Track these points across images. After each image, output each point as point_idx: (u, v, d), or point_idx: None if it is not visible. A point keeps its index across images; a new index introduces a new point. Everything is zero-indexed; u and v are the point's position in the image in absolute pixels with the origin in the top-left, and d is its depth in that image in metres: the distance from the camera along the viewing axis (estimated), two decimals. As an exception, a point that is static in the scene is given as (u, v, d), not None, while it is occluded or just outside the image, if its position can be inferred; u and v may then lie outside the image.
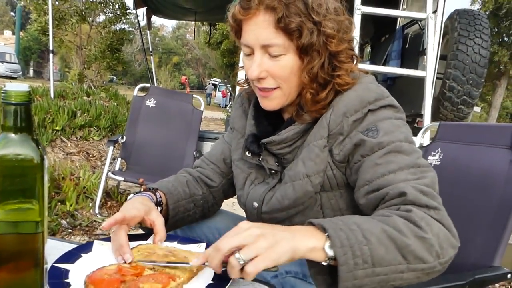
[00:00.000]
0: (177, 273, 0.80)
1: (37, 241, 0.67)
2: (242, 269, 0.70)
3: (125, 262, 0.84)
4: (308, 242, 0.72)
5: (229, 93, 22.94)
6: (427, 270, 0.74)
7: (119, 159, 3.50)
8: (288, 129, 0.98)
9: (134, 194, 1.05)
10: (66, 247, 0.91)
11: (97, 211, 3.07)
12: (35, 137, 0.66)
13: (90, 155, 4.64)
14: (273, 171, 1.04)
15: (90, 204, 3.13)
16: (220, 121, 13.24)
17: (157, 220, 0.96)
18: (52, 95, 5.70)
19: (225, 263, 0.74)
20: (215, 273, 0.83)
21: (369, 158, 0.88)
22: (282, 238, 0.71)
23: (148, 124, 3.51)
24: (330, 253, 0.71)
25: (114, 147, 3.32)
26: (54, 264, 0.81)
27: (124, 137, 3.43)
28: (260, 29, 0.90)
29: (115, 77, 23.51)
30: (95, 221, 2.98)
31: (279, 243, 0.70)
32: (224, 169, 1.20)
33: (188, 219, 1.13)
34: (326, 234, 0.72)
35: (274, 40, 0.90)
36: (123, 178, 3.04)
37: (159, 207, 1.05)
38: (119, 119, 5.53)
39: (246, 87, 1.14)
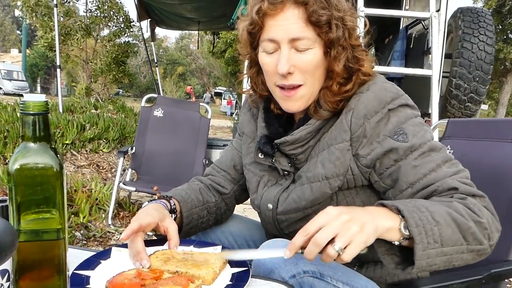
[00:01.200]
0: (201, 275, 0.81)
1: (59, 248, 0.68)
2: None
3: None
4: (385, 222, 0.77)
5: (234, 101, 23.00)
6: (481, 252, 0.83)
7: (130, 169, 3.52)
8: (300, 129, 0.99)
9: (148, 202, 1.07)
10: (85, 254, 0.92)
11: (110, 222, 3.09)
12: (53, 146, 0.68)
13: (101, 167, 4.68)
14: (286, 172, 1.05)
15: (103, 215, 3.15)
16: (227, 129, 13.27)
17: (171, 227, 0.97)
18: (61, 110, 5.77)
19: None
20: (232, 274, 0.85)
21: (404, 162, 0.91)
22: (366, 220, 0.74)
23: (156, 134, 3.54)
24: (406, 232, 0.76)
25: (124, 158, 3.35)
26: (74, 271, 0.82)
27: (134, 148, 3.46)
28: (290, 23, 0.91)
29: (121, 90, 23.72)
30: (108, 231, 3.00)
31: (366, 226, 0.73)
32: (235, 176, 1.21)
33: (202, 226, 1.14)
34: (400, 215, 0.77)
35: (304, 33, 0.92)
36: (134, 188, 3.06)
37: (173, 215, 1.06)
38: (127, 131, 5.57)
39: (251, 96, 1.15)
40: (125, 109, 7.48)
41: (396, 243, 0.79)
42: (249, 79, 1.11)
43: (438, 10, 3.24)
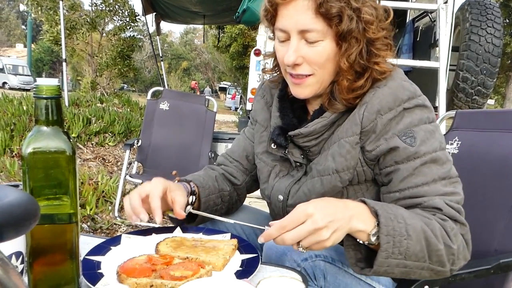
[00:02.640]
0: (212, 261, 0.81)
1: (71, 232, 0.69)
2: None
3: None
4: (359, 224, 0.78)
5: (239, 96, 22.97)
6: (440, 273, 0.85)
7: (136, 162, 3.54)
8: (315, 122, 0.97)
9: None
10: (95, 241, 0.93)
11: (116, 214, 3.11)
12: (65, 130, 0.69)
13: (106, 161, 4.70)
14: (298, 164, 1.04)
15: (110, 208, 3.18)
16: (232, 124, 13.28)
17: (178, 199, 0.97)
18: (66, 103, 5.79)
19: None
20: (242, 260, 0.85)
21: (404, 166, 0.89)
22: (340, 226, 0.76)
23: (162, 127, 3.55)
24: (373, 239, 0.79)
25: (130, 151, 3.36)
26: (86, 257, 0.83)
27: (140, 141, 3.47)
28: (299, 14, 0.89)
29: (126, 85, 23.76)
30: (115, 223, 3.02)
31: (338, 232, 0.76)
32: (247, 166, 1.20)
33: (215, 214, 1.14)
34: (376, 221, 0.79)
35: (313, 25, 0.88)
36: (140, 181, 3.07)
37: (192, 197, 1.06)
38: (132, 125, 5.59)
39: (269, 77, 1.14)
40: (130, 103, 7.50)
41: (362, 242, 0.81)
42: (274, 58, 1.08)
43: (445, 2, 3.22)
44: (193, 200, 1.06)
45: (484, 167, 1.35)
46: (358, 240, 0.81)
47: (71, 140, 0.68)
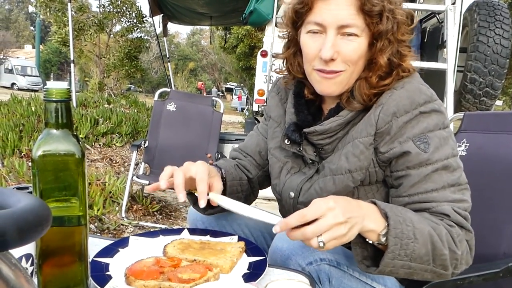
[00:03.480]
0: (219, 263, 0.81)
1: (80, 234, 0.70)
2: None
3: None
4: (370, 224, 0.80)
5: (245, 97, 22.97)
6: (442, 276, 0.88)
7: (143, 163, 3.55)
8: (331, 120, 0.98)
9: None
10: (103, 243, 0.93)
11: (123, 215, 3.13)
12: (75, 133, 0.69)
13: (114, 161, 4.73)
14: (311, 161, 1.04)
15: (117, 208, 3.19)
16: (238, 124, 13.28)
17: (216, 184, 0.99)
18: (74, 104, 5.83)
19: None
20: (249, 263, 0.85)
21: (415, 172, 0.90)
22: (356, 223, 0.78)
23: (169, 128, 3.56)
24: (383, 240, 0.81)
25: (137, 152, 3.38)
26: (94, 259, 0.84)
27: (147, 142, 3.49)
28: (340, 9, 0.89)
29: (133, 86, 23.85)
30: (122, 224, 3.03)
31: (353, 229, 0.77)
32: (260, 162, 1.21)
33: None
34: (386, 222, 0.81)
35: (354, 21, 0.89)
36: (147, 182, 3.08)
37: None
38: (140, 125, 5.61)
39: (283, 76, 1.14)
40: (137, 104, 7.54)
41: (371, 242, 0.83)
42: (285, 60, 1.08)
43: (453, 3, 3.20)
44: (223, 175, 1.08)
45: (492, 169, 1.35)
46: (367, 239, 0.83)
47: (80, 143, 0.69)
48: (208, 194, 0.93)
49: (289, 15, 0.98)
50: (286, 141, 1.06)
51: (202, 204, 0.92)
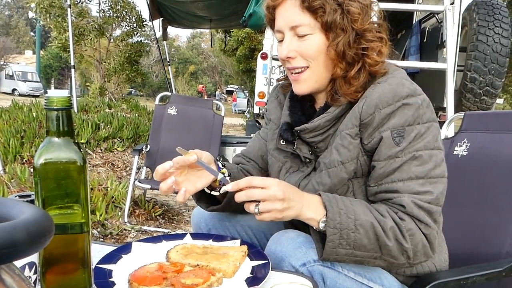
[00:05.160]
0: (222, 268, 0.82)
1: (83, 241, 0.70)
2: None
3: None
4: (309, 213, 0.90)
5: (246, 99, 22.98)
6: (395, 264, 0.93)
7: (144, 167, 3.55)
8: (320, 117, 1.01)
9: None
10: (106, 249, 0.94)
11: (126, 219, 3.13)
12: (76, 141, 0.70)
13: (115, 166, 4.73)
14: (307, 160, 1.07)
15: (119, 213, 3.19)
16: (239, 127, 13.28)
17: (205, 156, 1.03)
18: (75, 109, 5.84)
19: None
20: (252, 267, 0.85)
21: (385, 163, 0.94)
22: (293, 206, 0.88)
23: (171, 131, 3.57)
24: (321, 227, 0.89)
25: (139, 156, 3.38)
26: (97, 265, 0.84)
27: (148, 146, 3.49)
28: (288, 12, 0.99)
29: (133, 90, 23.87)
30: (125, 229, 3.04)
31: (289, 210, 0.88)
32: (263, 165, 1.24)
33: (238, 205, 1.14)
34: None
35: (300, 20, 0.97)
36: (149, 186, 3.09)
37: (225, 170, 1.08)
38: (141, 129, 5.62)
39: (281, 82, 1.21)
40: (138, 108, 7.55)
41: (314, 228, 0.92)
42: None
43: (452, 3, 3.20)
44: (228, 172, 1.08)
45: (494, 168, 1.35)
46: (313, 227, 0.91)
47: (81, 150, 0.69)
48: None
49: (271, 29, 1.09)
50: (281, 141, 1.10)
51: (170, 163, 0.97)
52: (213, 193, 1.06)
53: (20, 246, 0.28)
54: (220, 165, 1.08)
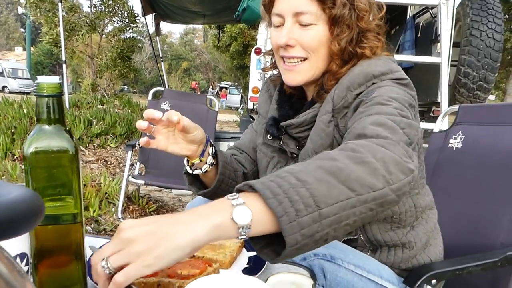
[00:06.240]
0: (219, 259, 0.80)
1: (76, 232, 0.68)
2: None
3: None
4: (206, 223, 0.57)
5: (240, 95, 23.00)
6: (379, 199, 0.64)
7: (138, 163, 3.53)
8: (306, 112, 0.99)
9: None
10: (100, 242, 0.92)
11: (120, 215, 3.11)
12: (67, 129, 0.68)
13: (108, 162, 4.70)
14: (295, 155, 1.05)
15: (113, 209, 3.17)
16: (233, 123, 13.27)
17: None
18: (67, 105, 5.79)
19: None
20: (249, 258, 0.84)
21: (356, 113, 0.86)
22: (167, 234, 0.55)
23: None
24: (240, 221, 0.57)
25: (132, 152, 3.35)
26: (91, 258, 0.82)
27: (141, 142, 3.45)
28: None
29: (126, 86, 23.75)
30: (118, 225, 3.02)
31: (162, 243, 0.55)
32: (254, 157, 1.22)
33: (229, 190, 1.12)
34: (238, 201, 0.60)
35: (308, 7, 0.92)
36: (143, 182, 3.07)
37: (213, 148, 1.04)
38: (134, 126, 5.59)
39: (271, 76, 1.17)
40: (131, 104, 7.50)
41: (241, 237, 0.58)
42: (272, 57, 1.11)
43: (446, -2, 3.21)
44: (214, 151, 1.04)
45: (489, 160, 1.35)
46: (264, 234, 0.61)
47: (73, 139, 0.68)
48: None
49: (262, 13, 1.04)
50: (268, 136, 1.08)
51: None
52: (196, 172, 1.05)
53: (8, 224, 0.26)
54: (211, 151, 1.04)
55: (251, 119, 5.51)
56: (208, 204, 0.61)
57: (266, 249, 0.64)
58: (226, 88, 28.00)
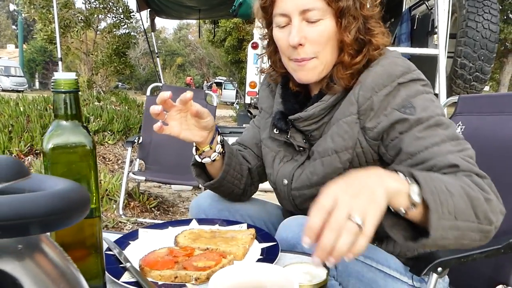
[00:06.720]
0: (232, 251, 0.82)
1: (95, 226, 0.69)
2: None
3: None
4: (393, 183, 0.68)
5: (235, 90, 22.93)
6: (487, 234, 0.76)
7: (137, 160, 3.53)
8: (314, 105, 0.99)
9: None
10: (111, 237, 0.93)
11: (121, 212, 3.11)
12: (84, 124, 0.69)
13: (107, 159, 4.69)
14: (301, 148, 1.05)
15: (114, 206, 3.17)
16: (229, 118, 13.26)
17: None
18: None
19: None
20: (262, 249, 0.86)
21: (408, 134, 0.88)
22: (374, 185, 0.65)
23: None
24: (416, 198, 0.69)
25: (132, 148, 3.36)
26: (106, 252, 0.83)
27: (141, 138, 3.46)
28: None
29: (120, 83, 23.60)
30: (120, 221, 3.02)
31: (376, 192, 0.64)
32: (258, 153, 1.22)
33: (235, 182, 1.14)
34: (410, 181, 0.70)
35: (314, 3, 0.91)
36: (144, 178, 3.07)
37: (221, 137, 1.08)
38: (131, 122, 5.58)
39: (271, 75, 1.15)
40: (128, 101, 7.48)
41: (403, 211, 0.70)
42: (268, 58, 1.11)
43: (443, -11, 3.21)
44: (222, 139, 1.07)
45: (490, 150, 1.36)
46: (397, 214, 0.72)
47: (90, 134, 0.68)
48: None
49: (259, 15, 1.02)
50: (274, 130, 1.08)
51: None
52: (204, 160, 1.07)
53: (61, 214, 0.27)
54: (219, 139, 1.07)
55: (248, 114, 5.51)
56: (386, 172, 0.70)
57: (395, 230, 0.73)
58: (220, 83, 27.90)
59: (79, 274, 0.30)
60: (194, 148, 1.09)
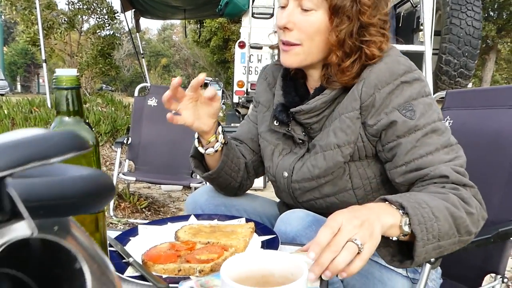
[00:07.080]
0: (233, 244, 0.83)
1: (100, 220, 0.69)
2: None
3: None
4: (388, 219, 0.75)
5: (221, 90, 22.85)
6: (466, 242, 0.86)
7: (127, 161, 3.51)
8: (316, 98, 1.00)
9: None
10: (111, 234, 0.93)
11: (112, 213, 3.10)
12: (86, 120, 0.69)
13: (95, 161, 4.64)
14: (301, 141, 1.07)
15: (105, 207, 3.15)
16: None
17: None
18: (49, 105, 5.69)
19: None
20: (262, 242, 0.87)
21: (406, 140, 0.91)
22: (373, 220, 0.71)
23: (152, 123, 3.52)
24: (406, 229, 0.76)
25: (121, 148, 3.33)
26: (108, 248, 0.84)
27: (129, 139, 3.44)
28: None
29: (104, 85, 23.33)
30: (111, 223, 3.00)
31: (374, 227, 0.71)
32: (254, 147, 1.24)
33: (232, 174, 1.15)
34: (402, 212, 0.77)
35: None
36: (134, 178, 3.04)
37: (221, 127, 1.09)
38: (118, 124, 5.52)
39: (273, 61, 1.18)
40: (114, 102, 7.41)
41: (395, 238, 0.78)
42: None
43: (427, -14, 3.27)
44: (222, 130, 1.09)
45: (478, 144, 1.39)
46: (390, 237, 0.78)
47: (92, 130, 0.69)
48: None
49: None
50: (275, 122, 1.09)
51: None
52: (208, 151, 1.08)
53: (95, 196, 0.28)
54: (220, 129, 1.09)
55: (236, 113, 5.51)
56: (381, 206, 0.78)
57: (383, 248, 0.81)
58: (206, 84, 27.70)
59: (105, 257, 0.31)
60: (196, 139, 1.10)
